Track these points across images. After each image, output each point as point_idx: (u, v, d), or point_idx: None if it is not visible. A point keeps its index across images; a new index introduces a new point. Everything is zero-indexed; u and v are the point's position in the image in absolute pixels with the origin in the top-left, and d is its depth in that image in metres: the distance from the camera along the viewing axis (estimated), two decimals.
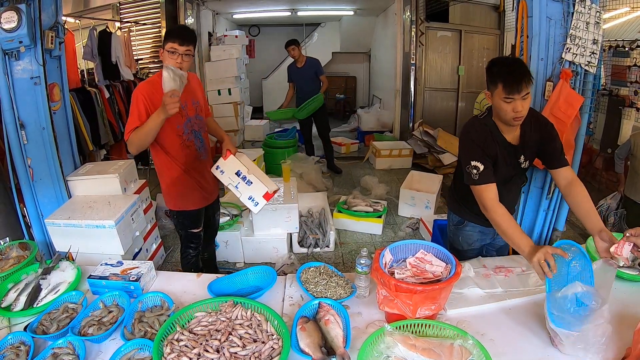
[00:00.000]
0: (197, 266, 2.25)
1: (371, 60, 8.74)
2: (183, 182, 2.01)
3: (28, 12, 2.07)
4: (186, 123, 1.94)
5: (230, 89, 5.98)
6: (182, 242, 2.21)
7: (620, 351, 1.17)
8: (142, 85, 1.85)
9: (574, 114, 2.09)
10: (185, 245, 2.20)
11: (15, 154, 2.26)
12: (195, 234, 2.18)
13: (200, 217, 2.17)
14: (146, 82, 1.89)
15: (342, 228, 3.47)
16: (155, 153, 1.97)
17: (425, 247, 1.42)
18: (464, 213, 1.79)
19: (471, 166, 1.49)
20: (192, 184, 2.04)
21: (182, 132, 1.93)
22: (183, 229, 2.16)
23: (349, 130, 7.36)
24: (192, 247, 2.20)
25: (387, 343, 1.10)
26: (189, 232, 2.16)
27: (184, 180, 2.01)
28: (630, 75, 3.56)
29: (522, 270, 1.60)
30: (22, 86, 2.19)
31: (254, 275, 1.58)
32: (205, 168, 2.07)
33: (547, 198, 2.39)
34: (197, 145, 2.01)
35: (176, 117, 1.84)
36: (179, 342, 1.14)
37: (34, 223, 2.44)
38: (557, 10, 2.07)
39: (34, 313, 1.38)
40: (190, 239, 2.18)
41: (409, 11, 5.41)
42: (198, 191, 2.08)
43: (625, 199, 2.75)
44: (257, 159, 4.00)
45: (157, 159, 2.00)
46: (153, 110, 1.78)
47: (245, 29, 8.36)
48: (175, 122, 1.89)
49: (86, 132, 3.58)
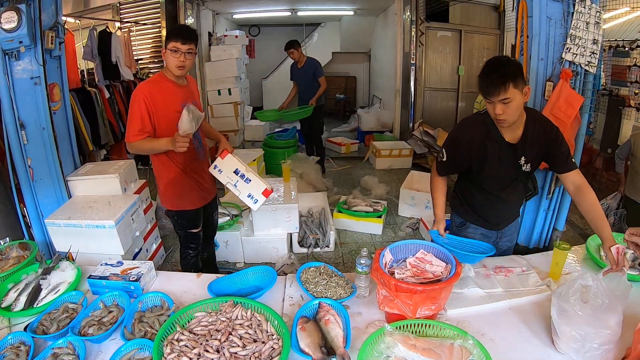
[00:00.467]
0: (196, 266, 2.25)
1: (371, 60, 8.74)
2: (181, 182, 2.01)
3: (28, 12, 2.07)
4: None
5: (230, 89, 5.98)
6: (182, 242, 2.21)
7: (620, 351, 1.17)
8: (143, 86, 1.85)
9: (574, 114, 2.09)
10: (185, 245, 2.20)
11: (15, 154, 2.26)
12: (194, 234, 2.18)
13: (198, 217, 2.17)
14: (147, 82, 1.90)
15: (342, 228, 3.47)
16: (155, 153, 1.97)
17: (425, 247, 1.42)
18: (466, 214, 1.79)
19: (442, 151, 1.64)
20: (191, 183, 2.05)
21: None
22: (182, 230, 2.16)
23: (349, 130, 7.35)
24: (192, 247, 2.20)
25: (387, 343, 1.10)
26: (188, 232, 2.16)
27: (182, 180, 2.02)
28: (630, 75, 3.56)
29: (522, 270, 1.61)
30: (22, 86, 2.19)
31: (254, 275, 1.58)
32: (203, 168, 2.08)
33: (547, 198, 2.40)
34: (195, 145, 2.01)
35: (177, 117, 1.83)
36: (179, 342, 1.14)
37: (34, 223, 2.44)
38: (557, 10, 2.08)
39: (34, 313, 1.38)
40: (189, 239, 2.18)
41: (409, 11, 5.41)
42: (196, 191, 2.08)
43: (626, 198, 2.75)
44: (257, 159, 4.00)
45: (155, 158, 1.99)
46: (155, 110, 1.81)
47: (245, 29, 8.35)
48: (176, 123, 1.87)
49: (86, 132, 3.58)
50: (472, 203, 1.75)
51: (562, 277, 1.56)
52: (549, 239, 2.52)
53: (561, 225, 2.48)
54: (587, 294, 1.16)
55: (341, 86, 9.06)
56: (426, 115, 5.86)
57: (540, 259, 1.71)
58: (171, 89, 1.89)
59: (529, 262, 1.67)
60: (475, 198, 1.73)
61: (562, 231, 2.51)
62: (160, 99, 1.84)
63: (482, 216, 1.75)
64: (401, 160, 5.26)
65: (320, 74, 4.56)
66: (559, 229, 2.50)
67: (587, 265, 1.66)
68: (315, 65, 4.55)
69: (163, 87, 1.88)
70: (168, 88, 1.88)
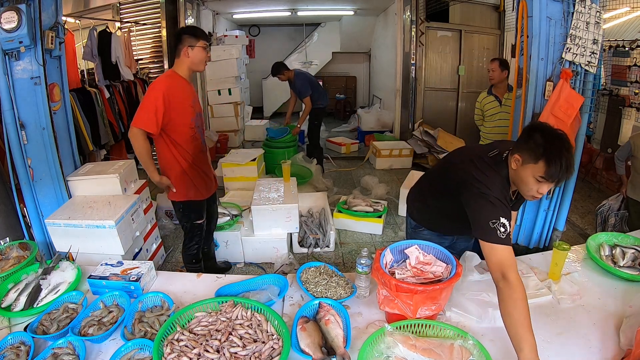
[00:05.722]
0: (198, 258, 2.37)
1: (371, 60, 8.74)
2: (190, 174, 2.15)
3: (28, 12, 2.07)
4: (196, 117, 2.13)
5: (230, 89, 5.98)
6: (186, 234, 2.32)
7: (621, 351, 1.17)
8: (165, 80, 1.98)
9: (574, 114, 2.09)
10: (189, 237, 2.31)
11: (16, 154, 2.26)
12: (199, 225, 2.30)
13: (204, 208, 2.30)
14: (167, 77, 2.02)
15: (342, 228, 3.47)
16: (162, 148, 2.07)
17: (425, 248, 1.42)
18: (424, 225, 1.74)
19: (500, 223, 1.24)
20: (199, 173, 2.20)
21: (194, 124, 2.11)
22: (188, 221, 2.27)
23: (349, 130, 7.36)
24: (196, 239, 2.32)
25: (388, 343, 1.10)
26: (193, 223, 2.27)
27: (191, 172, 2.15)
28: (630, 75, 3.56)
29: (522, 272, 1.60)
30: (22, 86, 2.20)
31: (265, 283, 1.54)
32: (206, 160, 2.28)
33: (547, 198, 2.39)
34: (202, 139, 2.21)
35: (189, 111, 2.04)
36: (179, 342, 1.14)
37: (34, 223, 2.44)
38: (557, 10, 2.08)
39: (34, 313, 1.38)
40: (194, 231, 2.30)
41: (409, 11, 5.41)
42: (203, 181, 2.24)
43: (628, 199, 2.75)
44: (257, 159, 4.00)
45: (164, 153, 2.09)
46: (172, 104, 1.95)
47: (245, 29, 8.36)
48: (190, 116, 2.06)
49: (86, 132, 3.58)
50: (436, 226, 1.71)
51: (561, 278, 1.56)
52: (549, 239, 2.52)
53: (561, 225, 2.47)
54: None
55: (341, 86, 9.07)
56: (426, 115, 5.86)
57: (540, 259, 1.71)
58: (183, 85, 2.06)
59: (528, 264, 1.67)
60: (442, 225, 1.69)
61: (562, 231, 2.51)
62: (178, 94, 2.00)
63: (443, 234, 1.72)
64: (401, 160, 5.27)
65: (305, 94, 4.39)
66: (559, 229, 2.49)
67: (587, 265, 1.65)
68: (300, 84, 4.40)
69: (178, 83, 2.03)
70: (182, 84, 2.05)
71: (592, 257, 1.64)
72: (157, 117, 1.91)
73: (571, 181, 2.33)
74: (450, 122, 6.02)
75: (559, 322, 1.31)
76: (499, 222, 1.24)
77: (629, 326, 1.21)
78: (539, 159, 1.22)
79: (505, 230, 1.24)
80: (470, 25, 5.72)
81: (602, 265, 1.59)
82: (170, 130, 2.02)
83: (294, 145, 4.96)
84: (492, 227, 1.23)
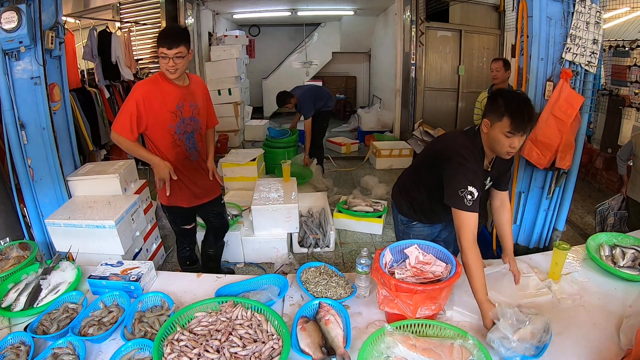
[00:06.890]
0: (191, 259, 2.37)
1: (371, 60, 8.74)
2: (171, 180, 2.01)
3: (28, 12, 2.07)
4: (179, 124, 1.96)
5: (230, 89, 5.98)
6: (176, 236, 2.34)
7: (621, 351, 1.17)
8: (141, 86, 1.87)
9: (574, 114, 2.09)
10: (179, 240, 2.33)
11: (16, 154, 2.26)
12: (187, 230, 2.27)
13: (191, 215, 2.25)
14: (146, 82, 1.92)
15: (342, 228, 3.47)
16: (150, 150, 2.02)
17: (425, 248, 1.42)
18: (416, 218, 1.80)
19: (467, 191, 1.39)
20: (183, 181, 2.06)
21: (175, 131, 1.95)
22: (175, 225, 2.26)
23: (349, 130, 7.35)
24: (185, 242, 2.33)
25: (388, 343, 1.10)
26: (180, 228, 2.26)
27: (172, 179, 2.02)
28: (630, 75, 3.56)
29: (523, 272, 1.60)
30: (22, 86, 2.19)
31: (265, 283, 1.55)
32: (195, 168, 2.10)
33: (547, 198, 2.39)
34: (187, 146, 2.03)
35: (170, 117, 1.91)
36: (179, 342, 1.14)
37: (34, 223, 2.44)
38: (557, 10, 2.07)
39: (34, 313, 1.38)
40: (182, 235, 2.30)
41: (409, 11, 5.41)
42: (187, 190, 2.09)
43: (628, 199, 2.75)
44: (257, 159, 4.00)
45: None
46: (148, 110, 1.85)
47: (245, 29, 8.35)
48: (169, 122, 1.92)
49: (86, 132, 3.58)
50: (429, 214, 1.77)
51: (562, 277, 1.56)
52: (549, 239, 2.52)
53: (561, 225, 2.47)
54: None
55: (341, 86, 9.07)
56: (426, 115, 5.86)
57: (540, 259, 1.71)
58: (168, 89, 1.90)
59: (528, 264, 1.67)
60: (433, 211, 1.73)
61: (562, 231, 2.51)
62: (156, 99, 1.86)
63: (435, 222, 1.80)
64: (401, 160, 5.26)
65: (307, 116, 4.33)
66: (559, 229, 2.49)
67: (587, 265, 1.66)
68: (303, 107, 4.35)
69: (160, 87, 1.89)
70: (165, 88, 1.89)
71: (592, 257, 1.64)
72: (132, 122, 1.82)
73: (571, 181, 2.33)
74: (450, 122, 6.02)
75: (559, 322, 1.31)
76: (467, 190, 1.39)
77: (629, 326, 1.21)
78: (503, 115, 1.36)
79: (472, 197, 1.39)
80: (470, 25, 5.73)
81: (602, 266, 1.59)
82: (151, 135, 1.93)
83: (294, 145, 4.96)
84: (460, 196, 1.39)
